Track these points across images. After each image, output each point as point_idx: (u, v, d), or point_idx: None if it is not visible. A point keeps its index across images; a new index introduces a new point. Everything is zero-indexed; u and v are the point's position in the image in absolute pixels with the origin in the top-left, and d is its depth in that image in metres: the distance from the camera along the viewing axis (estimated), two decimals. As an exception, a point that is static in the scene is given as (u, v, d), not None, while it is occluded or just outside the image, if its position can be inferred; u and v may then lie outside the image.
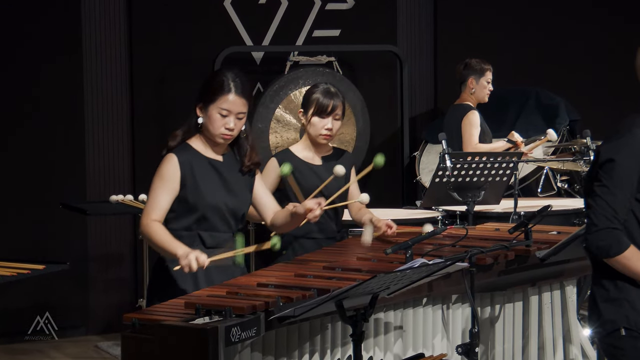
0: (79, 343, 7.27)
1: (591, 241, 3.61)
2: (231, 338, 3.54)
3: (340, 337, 4.10)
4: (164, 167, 4.31)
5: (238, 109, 4.32)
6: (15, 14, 7.21)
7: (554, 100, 8.02)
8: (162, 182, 4.29)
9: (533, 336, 4.83)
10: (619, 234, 3.58)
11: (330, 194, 4.89)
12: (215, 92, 4.31)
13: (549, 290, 4.87)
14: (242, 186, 4.41)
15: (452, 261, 4.01)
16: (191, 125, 4.39)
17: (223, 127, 4.32)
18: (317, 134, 5.03)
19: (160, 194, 4.28)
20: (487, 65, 7.04)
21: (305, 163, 5.06)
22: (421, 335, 4.42)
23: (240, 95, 4.32)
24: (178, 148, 4.36)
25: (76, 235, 7.35)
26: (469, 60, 7.08)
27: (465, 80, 7.07)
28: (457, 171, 5.87)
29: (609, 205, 3.58)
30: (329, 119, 5.02)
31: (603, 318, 3.68)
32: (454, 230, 5.03)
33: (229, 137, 4.34)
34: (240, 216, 4.40)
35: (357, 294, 3.76)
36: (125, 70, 7.54)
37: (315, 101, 5.02)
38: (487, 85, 7.05)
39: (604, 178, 3.61)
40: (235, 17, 7.78)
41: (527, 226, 4.63)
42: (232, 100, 4.30)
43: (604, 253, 3.60)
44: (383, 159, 4.89)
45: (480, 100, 7.07)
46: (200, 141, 4.39)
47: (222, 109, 4.31)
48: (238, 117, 4.33)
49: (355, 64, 8.09)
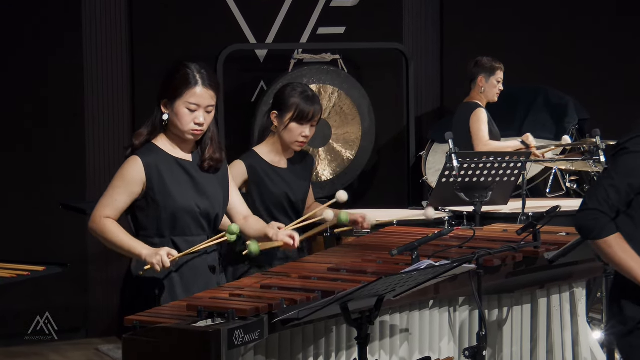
0: (80, 346, 7.26)
1: (578, 219, 3.67)
2: (234, 341, 3.53)
3: (345, 340, 4.08)
4: (126, 169, 4.16)
5: (207, 102, 4.16)
6: (16, 14, 7.21)
7: (562, 99, 8.02)
8: (122, 183, 4.15)
9: (541, 339, 4.80)
10: (604, 218, 3.61)
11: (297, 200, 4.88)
12: (181, 86, 4.15)
13: (558, 292, 4.84)
14: (214, 186, 4.26)
15: (459, 263, 3.99)
16: (156, 122, 4.23)
17: (192, 123, 4.16)
18: (293, 140, 4.94)
19: (119, 193, 4.14)
20: (498, 64, 7.03)
21: (271, 166, 4.98)
22: (428, 338, 4.40)
23: (208, 87, 4.16)
24: (143, 149, 4.20)
25: (76, 236, 7.32)
26: (480, 58, 7.07)
27: (475, 78, 7.07)
28: (464, 171, 5.85)
29: (604, 188, 3.62)
30: (308, 126, 4.93)
31: (623, 314, 3.68)
32: (461, 232, 5.01)
33: (199, 132, 4.18)
34: (214, 218, 4.25)
35: (362, 296, 3.73)
36: (126, 69, 7.53)
37: (294, 106, 4.92)
38: (497, 84, 7.04)
39: (611, 163, 3.67)
40: (239, 14, 7.75)
41: (535, 227, 4.60)
42: (200, 94, 4.15)
43: (585, 234, 3.66)
44: (347, 216, 4.77)
45: (490, 99, 7.07)
46: (167, 140, 4.23)
47: (190, 104, 4.15)
48: (207, 111, 4.17)
49: (360, 62, 8.06)
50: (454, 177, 5.84)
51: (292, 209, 4.96)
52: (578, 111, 7.96)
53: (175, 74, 4.19)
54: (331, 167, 7.74)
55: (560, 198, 7.44)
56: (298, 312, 3.67)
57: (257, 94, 7.81)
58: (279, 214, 4.93)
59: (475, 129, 6.90)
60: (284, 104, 4.94)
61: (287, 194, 4.97)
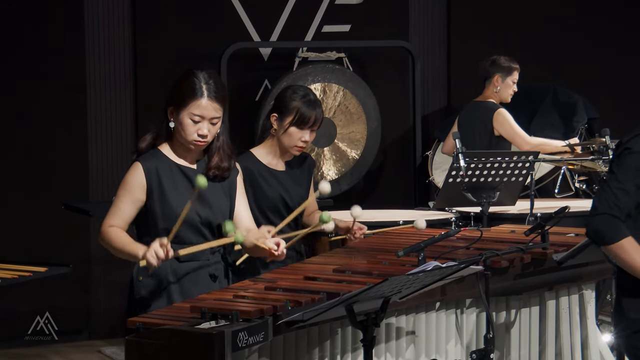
0: (82, 348, 7.26)
1: (590, 225, 3.67)
2: (238, 343, 3.52)
3: (351, 342, 4.06)
4: (128, 176, 4.15)
5: (211, 114, 4.12)
6: (17, 11, 7.19)
7: (572, 98, 8.01)
8: (125, 191, 4.14)
9: (550, 342, 4.78)
10: (617, 222, 3.61)
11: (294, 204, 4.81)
12: (187, 96, 4.11)
13: (567, 294, 4.83)
14: (218, 195, 4.21)
15: (466, 264, 3.98)
16: (162, 128, 4.20)
17: (195, 134, 4.12)
18: (292, 144, 4.90)
19: (123, 202, 4.13)
20: (515, 64, 7.02)
21: (267, 169, 4.94)
22: (434, 340, 4.38)
23: (213, 99, 4.12)
24: (147, 154, 4.18)
25: (79, 237, 7.31)
26: (496, 57, 7.04)
27: (490, 76, 7.02)
28: (471, 171, 5.83)
29: (612, 192, 3.62)
30: (308, 130, 4.88)
31: (627, 317, 3.68)
32: (468, 232, 5.00)
33: (202, 143, 4.14)
34: (216, 227, 4.19)
35: (367, 298, 3.72)
36: (129, 67, 7.52)
37: (295, 110, 4.87)
38: (512, 85, 7.03)
39: (616, 165, 3.67)
40: (242, 12, 7.73)
41: (543, 228, 4.59)
42: (204, 106, 4.10)
43: (599, 239, 3.65)
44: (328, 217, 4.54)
45: (503, 99, 7.05)
46: (172, 146, 4.20)
47: (194, 115, 4.10)
48: (212, 123, 4.13)
49: (366, 60, 8.04)
50: (461, 177, 5.82)
51: (288, 213, 4.85)
52: (587, 110, 7.96)
53: (182, 83, 4.15)
54: (336, 167, 7.72)
55: (569, 198, 7.42)
56: (303, 314, 3.65)
57: (261, 93, 7.79)
58: (275, 218, 4.87)
59: (509, 129, 6.86)
60: (284, 106, 4.91)
61: (283, 197, 4.92)
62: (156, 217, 4.12)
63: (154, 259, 3.93)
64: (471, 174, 5.82)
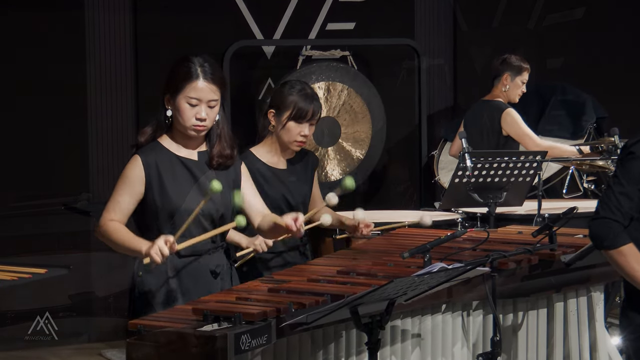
0: (82, 350, 7.25)
1: (591, 228, 3.69)
2: (241, 346, 3.51)
3: (355, 345, 4.04)
4: (127, 169, 4.12)
5: (208, 96, 4.09)
6: (18, 11, 7.19)
7: (580, 96, 8.04)
8: (124, 184, 4.10)
9: (558, 345, 4.76)
10: (617, 227, 3.63)
11: (296, 203, 4.79)
12: (182, 80, 4.08)
13: (575, 296, 4.80)
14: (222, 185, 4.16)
15: (473, 266, 3.97)
16: (160, 119, 4.17)
17: (194, 118, 4.08)
18: (292, 140, 4.87)
19: (122, 194, 4.09)
20: (526, 64, 7.02)
21: (268, 168, 4.91)
22: (440, 343, 4.36)
23: (210, 81, 4.09)
24: (146, 147, 4.15)
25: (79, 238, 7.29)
26: (508, 55, 7.04)
27: (499, 75, 7.02)
28: (477, 171, 5.82)
29: (615, 196, 3.64)
30: (306, 124, 4.84)
31: (632, 322, 3.70)
32: (474, 233, 4.96)
33: (202, 128, 4.11)
34: (218, 218, 4.16)
35: (372, 300, 3.71)
36: (130, 66, 7.51)
37: (292, 104, 4.85)
38: (521, 85, 7.04)
39: (619, 170, 3.69)
40: (245, 10, 7.73)
41: (551, 229, 4.57)
42: (201, 87, 4.08)
43: (599, 243, 3.68)
44: (352, 181, 4.52)
45: (511, 99, 7.06)
46: (172, 138, 4.17)
47: (190, 98, 4.08)
48: (209, 106, 4.10)
49: (370, 58, 8.04)
50: (467, 177, 5.82)
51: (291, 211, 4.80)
52: (596, 109, 7.98)
53: (177, 68, 4.13)
54: (340, 167, 7.70)
55: (578, 199, 7.43)
56: (307, 316, 3.63)
57: (264, 91, 7.78)
58: None
59: (518, 130, 6.84)
60: (281, 102, 4.89)
61: (285, 196, 4.89)
62: (156, 210, 4.09)
63: (158, 256, 3.89)
64: (478, 174, 5.82)
